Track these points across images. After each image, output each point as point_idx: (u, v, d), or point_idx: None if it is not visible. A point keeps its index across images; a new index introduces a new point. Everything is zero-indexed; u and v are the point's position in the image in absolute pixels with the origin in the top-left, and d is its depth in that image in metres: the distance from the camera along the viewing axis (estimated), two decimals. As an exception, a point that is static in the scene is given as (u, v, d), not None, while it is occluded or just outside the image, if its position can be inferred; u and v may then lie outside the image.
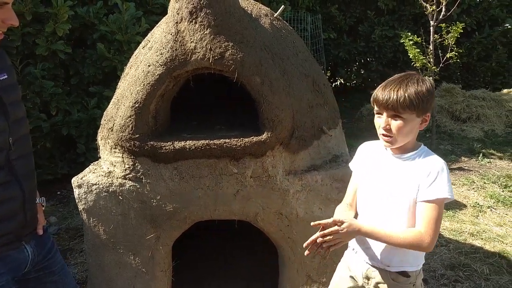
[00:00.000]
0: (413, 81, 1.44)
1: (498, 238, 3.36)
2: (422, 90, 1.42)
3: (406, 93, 1.40)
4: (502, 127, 6.59)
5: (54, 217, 3.75)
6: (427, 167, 1.44)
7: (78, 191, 2.05)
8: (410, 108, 1.40)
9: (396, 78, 1.48)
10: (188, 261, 2.69)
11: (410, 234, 1.41)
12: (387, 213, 1.51)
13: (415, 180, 1.45)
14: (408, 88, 1.41)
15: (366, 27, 8.12)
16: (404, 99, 1.39)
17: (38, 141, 3.96)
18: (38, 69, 3.79)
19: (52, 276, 1.63)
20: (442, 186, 1.40)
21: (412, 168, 1.47)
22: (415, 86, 1.42)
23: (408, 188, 1.46)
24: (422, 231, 1.39)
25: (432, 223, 1.39)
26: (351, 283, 1.67)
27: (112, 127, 2.01)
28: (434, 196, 1.40)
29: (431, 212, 1.40)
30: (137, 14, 4.17)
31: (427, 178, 1.42)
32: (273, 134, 1.88)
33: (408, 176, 1.47)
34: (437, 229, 1.40)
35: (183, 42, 1.84)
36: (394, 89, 1.42)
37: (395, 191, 1.49)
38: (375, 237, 1.46)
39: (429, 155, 1.49)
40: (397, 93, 1.41)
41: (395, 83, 1.45)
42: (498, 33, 7.69)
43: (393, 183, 1.50)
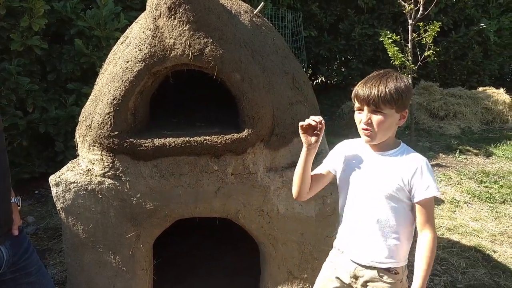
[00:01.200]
0: (392, 78, 1.47)
1: (474, 232, 3.45)
2: (401, 86, 1.45)
3: (387, 89, 1.43)
4: (477, 124, 6.77)
5: (32, 217, 3.67)
6: (412, 165, 1.48)
7: (56, 189, 2.01)
8: (391, 103, 1.43)
9: (375, 75, 1.51)
10: (169, 259, 2.67)
11: (430, 244, 1.46)
12: (378, 211, 1.52)
13: (400, 177, 1.48)
14: (388, 84, 1.44)
15: (347, 25, 8.20)
16: (385, 94, 1.42)
17: (14, 139, 3.87)
18: (13, 65, 3.69)
19: (29, 277, 1.60)
20: (433, 184, 1.45)
21: (397, 165, 1.50)
22: (395, 82, 1.45)
23: (394, 184, 1.49)
24: (429, 231, 1.46)
25: (432, 220, 1.47)
26: (337, 283, 1.66)
27: (90, 124, 1.98)
28: (430, 194, 1.45)
29: (430, 210, 1.47)
30: (115, 9, 4.10)
31: (420, 178, 1.46)
32: (253, 131, 1.89)
33: (393, 173, 1.49)
34: (434, 222, 1.48)
35: (162, 38, 1.83)
36: (375, 84, 1.45)
37: (383, 188, 1.51)
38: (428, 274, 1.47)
39: (411, 152, 1.53)
40: (378, 88, 1.43)
41: (375, 79, 1.47)
42: (474, 33, 7.88)
43: (379, 180, 1.52)
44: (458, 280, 2.79)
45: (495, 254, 3.12)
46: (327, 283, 1.69)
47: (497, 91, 7.27)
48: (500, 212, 3.83)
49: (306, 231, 2.09)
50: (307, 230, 2.09)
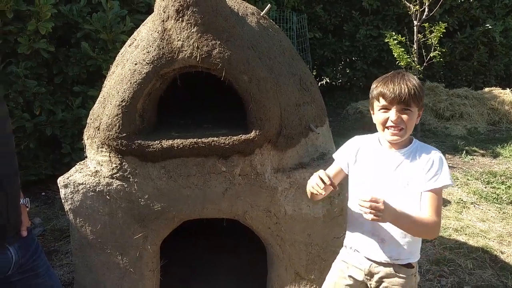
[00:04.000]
0: (409, 77, 1.51)
1: (481, 233, 3.44)
2: (419, 84, 1.50)
3: (414, 87, 1.47)
4: (484, 125, 6.74)
5: (38, 218, 3.69)
6: (428, 158, 1.51)
7: (65, 191, 2.03)
8: (418, 100, 1.48)
9: (393, 75, 1.53)
10: (176, 260, 2.67)
11: (429, 221, 1.45)
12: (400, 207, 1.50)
13: (415, 172, 1.51)
14: (411, 82, 1.48)
15: (351, 27, 8.20)
16: (414, 92, 1.46)
17: (21, 142, 3.89)
18: (21, 68, 3.72)
19: (37, 278, 1.61)
20: (445, 174, 1.47)
21: (412, 161, 1.53)
22: (413, 80, 1.50)
23: (410, 180, 1.51)
24: (434, 217, 1.45)
25: (439, 211, 1.46)
26: (350, 281, 1.68)
27: (99, 126, 1.99)
28: (439, 184, 1.47)
29: (437, 201, 1.47)
30: (121, 12, 4.12)
31: (431, 169, 1.49)
32: (261, 132, 1.89)
33: (410, 169, 1.52)
34: (440, 212, 1.48)
35: (170, 40, 1.84)
36: (401, 83, 1.47)
37: (399, 184, 1.53)
38: (405, 219, 1.44)
39: (426, 147, 1.56)
40: (407, 87, 1.46)
41: (397, 78, 1.50)
42: (479, 33, 7.84)
43: (396, 177, 1.53)
44: (466, 281, 2.78)
45: (502, 255, 3.10)
46: (339, 281, 1.70)
47: (503, 92, 7.24)
48: (507, 212, 3.81)
49: (313, 232, 2.09)
50: (315, 231, 2.09)
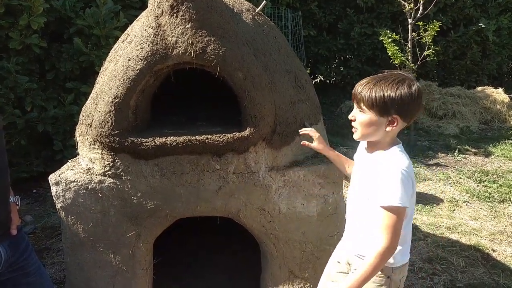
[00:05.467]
0: (392, 84, 1.43)
1: (474, 231, 3.46)
2: (391, 94, 1.42)
3: (374, 92, 1.43)
4: (476, 124, 6.79)
5: (30, 216, 3.65)
6: (384, 170, 1.45)
7: (56, 188, 2.00)
8: (372, 106, 1.44)
9: (381, 76, 1.49)
10: (169, 258, 2.66)
11: (375, 251, 1.43)
12: (359, 208, 1.60)
13: (373, 179, 1.48)
14: (379, 88, 1.43)
15: (346, 25, 8.20)
16: (369, 97, 1.44)
17: (12, 138, 3.84)
18: (12, 63, 3.67)
19: (28, 277, 1.59)
20: (393, 193, 1.40)
21: (374, 167, 1.50)
22: (388, 88, 1.42)
23: (369, 184, 1.51)
24: (381, 239, 1.42)
25: (389, 230, 1.41)
26: (336, 266, 1.77)
27: (91, 123, 1.96)
28: (385, 203, 1.42)
29: (384, 219, 1.42)
30: (115, 8, 4.08)
31: (381, 183, 1.44)
32: (255, 130, 1.88)
33: (370, 174, 1.51)
34: (393, 233, 1.41)
35: (164, 36, 1.81)
36: (367, 84, 1.46)
37: (362, 186, 1.56)
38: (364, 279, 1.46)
39: (392, 157, 1.48)
40: (364, 89, 1.46)
41: (374, 80, 1.47)
42: (473, 32, 7.89)
43: (361, 179, 1.58)
44: (458, 279, 2.79)
45: (494, 253, 3.13)
46: (330, 266, 1.80)
47: (496, 91, 7.29)
48: (499, 211, 3.84)
49: (307, 230, 2.08)
50: (309, 229, 2.08)
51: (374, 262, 1.43)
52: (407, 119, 1.48)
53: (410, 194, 1.44)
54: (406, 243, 1.59)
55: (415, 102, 1.44)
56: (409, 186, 1.42)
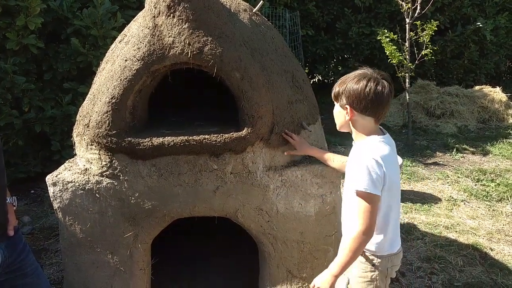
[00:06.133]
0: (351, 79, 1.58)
1: (471, 230, 3.46)
2: (342, 86, 1.59)
3: (336, 86, 1.62)
4: (474, 123, 6.80)
5: (27, 217, 3.65)
6: (355, 157, 1.58)
7: (53, 189, 2.00)
8: (334, 98, 1.65)
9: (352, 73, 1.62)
10: (167, 258, 2.65)
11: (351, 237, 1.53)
12: (344, 195, 1.70)
13: (348, 166, 1.65)
14: (341, 83, 1.60)
15: (343, 24, 8.20)
16: (333, 89, 1.65)
17: (9, 139, 3.83)
18: (9, 64, 3.66)
19: (25, 278, 1.58)
20: (360, 179, 1.50)
21: (352, 157, 1.63)
22: (345, 82, 1.59)
23: (347, 172, 1.65)
24: (357, 224, 1.53)
25: (358, 214, 1.52)
26: None
27: (88, 123, 1.96)
28: (355, 187, 1.52)
29: (357, 204, 1.53)
30: (112, 8, 4.07)
31: (353, 169, 1.56)
32: (253, 130, 1.88)
33: (350, 165, 1.64)
34: (365, 218, 1.51)
35: (161, 36, 1.81)
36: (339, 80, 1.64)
37: (346, 180, 1.67)
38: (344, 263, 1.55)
39: (366, 146, 1.58)
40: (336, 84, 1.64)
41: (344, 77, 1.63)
42: (470, 32, 7.89)
43: (347, 172, 1.70)
44: (456, 278, 2.80)
45: (492, 252, 3.13)
46: None
47: (494, 90, 7.30)
48: (497, 210, 3.85)
49: (305, 230, 2.08)
50: (307, 229, 2.08)
51: (349, 245, 1.53)
52: (363, 111, 1.56)
53: (380, 182, 1.50)
54: (391, 233, 1.63)
55: (368, 97, 1.53)
56: (378, 174, 1.48)
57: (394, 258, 1.67)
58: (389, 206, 1.59)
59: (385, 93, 1.53)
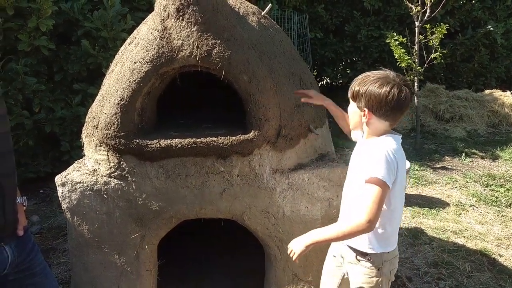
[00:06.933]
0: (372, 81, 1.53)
1: (480, 236, 3.43)
2: (363, 88, 1.54)
3: (355, 85, 1.58)
4: (484, 127, 6.73)
5: (36, 216, 3.69)
6: (370, 151, 1.53)
7: (62, 189, 2.02)
8: (351, 97, 1.62)
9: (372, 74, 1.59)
10: (173, 259, 2.67)
11: (351, 222, 1.48)
12: (350, 194, 1.65)
13: (361, 164, 1.58)
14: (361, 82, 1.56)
15: (352, 27, 8.18)
16: (350, 88, 1.61)
17: (20, 139, 3.88)
18: (21, 65, 3.71)
19: (33, 278, 1.60)
20: (376, 167, 1.46)
21: (364, 152, 1.59)
22: (365, 84, 1.54)
23: (359, 170, 1.59)
24: (360, 213, 1.45)
25: (365, 201, 1.45)
26: (333, 261, 1.81)
27: (97, 125, 1.98)
28: (368, 175, 1.47)
29: (366, 192, 1.47)
30: (122, 10, 4.11)
31: (367, 161, 1.51)
32: (260, 133, 1.88)
33: (360, 160, 1.60)
34: (372, 206, 1.43)
35: (170, 39, 1.83)
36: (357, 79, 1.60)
37: (354, 173, 1.64)
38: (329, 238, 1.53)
39: (381, 141, 1.55)
40: (353, 82, 1.60)
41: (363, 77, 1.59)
42: (481, 35, 7.83)
43: (353, 167, 1.67)
44: (464, 284, 2.77)
45: (501, 258, 3.10)
46: (328, 262, 1.84)
47: (504, 94, 7.23)
48: (506, 215, 3.81)
49: (311, 234, 2.08)
50: (313, 232, 2.08)
51: (347, 227, 1.48)
52: (382, 116, 1.54)
53: (394, 174, 1.48)
54: (392, 230, 1.61)
55: (390, 104, 1.50)
56: (393, 166, 1.47)
57: (394, 260, 1.67)
58: (395, 202, 1.58)
59: (406, 100, 1.52)
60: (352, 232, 1.47)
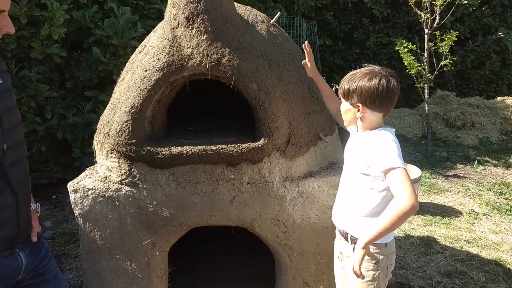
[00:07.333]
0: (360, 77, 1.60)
1: (494, 245, 3.37)
2: (353, 84, 1.60)
3: (344, 84, 1.65)
4: (496, 134, 6.64)
5: (49, 222, 3.72)
6: (376, 142, 1.55)
7: (74, 196, 2.04)
8: (343, 95, 1.68)
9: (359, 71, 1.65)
10: (184, 266, 2.66)
11: (395, 207, 1.45)
12: (351, 185, 1.68)
13: (362, 154, 1.60)
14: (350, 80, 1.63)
15: (361, 34, 8.17)
16: (340, 87, 1.68)
17: (33, 145, 3.93)
18: (33, 72, 3.77)
19: (46, 284, 1.60)
20: (391, 157, 1.48)
21: (363, 144, 1.61)
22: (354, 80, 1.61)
23: (359, 160, 1.62)
24: (399, 199, 1.44)
25: (402, 185, 1.44)
26: (338, 263, 1.81)
27: (109, 132, 2.00)
28: (384, 167, 1.48)
29: (395, 181, 1.46)
30: (133, 18, 4.16)
31: (376, 153, 1.52)
32: (269, 141, 1.88)
33: (359, 151, 1.64)
34: (408, 187, 1.43)
35: (180, 47, 1.84)
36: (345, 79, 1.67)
37: (353, 164, 1.67)
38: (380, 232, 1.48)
39: (380, 133, 1.59)
40: (343, 82, 1.67)
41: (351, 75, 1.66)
42: (491, 42, 7.76)
43: (351, 158, 1.70)
44: (477, 294, 2.73)
45: (515, 268, 3.04)
46: (336, 264, 1.84)
47: (516, 101, 7.14)
48: (520, 225, 3.74)
49: (322, 242, 2.07)
50: (323, 240, 2.06)
51: (393, 216, 1.44)
52: (376, 108, 1.59)
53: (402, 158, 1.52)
54: None
55: (382, 95, 1.56)
56: (400, 151, 1.52)
57: (392, 256, 1.67)
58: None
59: (395, 89, 1.59)
60: (401, 218, 1.44)
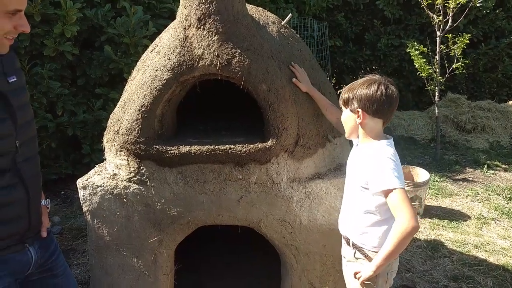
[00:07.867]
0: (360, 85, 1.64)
1: (502, 250, 3.34)
2: (353, 92, 1.64)
3: (344, 93, 1.69)
4: (507, 139, 6.56)
5: (57, 217, 3.77)
6: (372, 158, 1.58)
7: (83, 192, 2.06)
8: (343, 104, 1.71)
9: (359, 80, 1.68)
10: (190, 264, 2.68)
11: (395, 229, 1.50)
12: (351, 195, 1.73)
13: (361, 169, 1.64)
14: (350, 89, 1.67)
15: (372, 36, 8.13)
16: (341, 97, 1.72)
17: (43, 141, 3.98)
18: (46, 69, 3.82)
19: (55, 279, 1.63)
20: (389, 177, 1.51)
21: (362, 158, 1.64)
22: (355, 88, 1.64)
23: (357, 175, 1.68)
24: (399, 219, 1.49)
25: (400, 207, 1.49)
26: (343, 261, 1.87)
27: (118, 130, 2.02)
28: (381, 188, 1.53)
29: (393, 200, 1.51)
30: (144, 17, 4.19)
31: (373, 171, 1.56)
32: (278, 141, 1.89)
33: (359, 165, 1.68)
34: (407, 207, 1.48)
35: (191, 48, 1.86)
36: (345, 88, 1.71)
37: (352, 176, 1.70)
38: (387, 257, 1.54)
39: (378, 147, 1.61)
40: (343, 91, 1.71)
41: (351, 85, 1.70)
42: (505, 45, 7.66)
43: (351, 171, 1.74)
44: (484, 300, 2.71)
45: (524, 274, 3.01)
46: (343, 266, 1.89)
47: (529, 105, 7.05)
48: (529, 231, 3.70)
49: (328, 243, 2.07)
50: (329, 242, 2.07)
51: (395, 240, 1.49)
52: (375, 113, 1.62)
53: (402, 174, 1.55)
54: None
55: (380, 100, 1.60)
56: (399, 168, 1.55)
57: (393, 262, 1.68)
58: None
59: (394, 96, 1.61)
60: (404, 240, 1.49)
